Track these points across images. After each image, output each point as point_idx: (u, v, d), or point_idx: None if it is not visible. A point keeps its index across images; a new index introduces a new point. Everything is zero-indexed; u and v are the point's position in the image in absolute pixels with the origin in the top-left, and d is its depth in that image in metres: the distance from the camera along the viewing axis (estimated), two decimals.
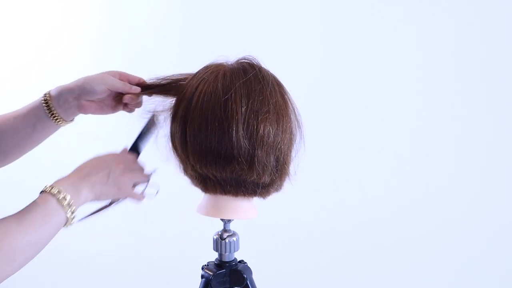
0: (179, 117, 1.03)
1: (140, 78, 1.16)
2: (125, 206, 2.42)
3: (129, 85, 1.12)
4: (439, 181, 2.08)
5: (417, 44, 2.04)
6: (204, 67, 1.06)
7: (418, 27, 2.04)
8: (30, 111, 1.12)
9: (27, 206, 0.91)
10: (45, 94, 1.12)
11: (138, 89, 1.12)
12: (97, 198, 1.00)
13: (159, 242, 2.31)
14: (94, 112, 1.13)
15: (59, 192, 0.92)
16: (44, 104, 1.11)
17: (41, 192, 0.93)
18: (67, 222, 0.94)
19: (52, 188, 0.93)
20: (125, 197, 1.06)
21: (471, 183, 2.05)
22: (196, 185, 1.09)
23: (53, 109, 1.11)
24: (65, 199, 0.92)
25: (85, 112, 1.13)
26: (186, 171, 1.08)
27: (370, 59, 2.07)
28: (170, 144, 1.07)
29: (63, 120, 1.13)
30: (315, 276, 2.18)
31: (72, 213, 0.93)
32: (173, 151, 1.07)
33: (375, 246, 2.14)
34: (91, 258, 2.40)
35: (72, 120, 1.15)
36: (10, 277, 0.88)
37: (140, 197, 1.08)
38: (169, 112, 1.08)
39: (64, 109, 1.12)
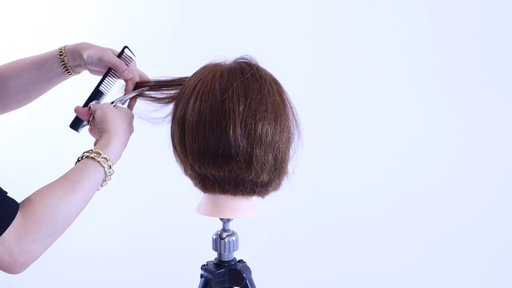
0: (178, 117, 1.04)
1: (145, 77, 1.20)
2: (124, 206, 2.43)
3: (125, 66, 1.14)
4: (436, 180, 2.08)
5: (417, 43, 2.04)
6: (202, 67, 1.07)
7: (417, 27, 2.04)
8: (45, 65, 1.16)
9: (77, 174, 0.95)
10: (60, 49, 1.16)
11: (130, 75, 1.14)
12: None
13: (158, 242, 2.31)
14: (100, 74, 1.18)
15: (110, 170, 0.98)
16: (58, 53, 1.15)
17: (92, 158, 0.97)
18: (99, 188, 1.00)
19: (107, 162, 0.98)
20: None
21: (469, 182, 2.06)
22: (195, 185, 1.09)
23: (67, 64, 1.16)
24: (110, 173, 0.99)
25: (94, 74, 1.18)
26: (185, 171, 1.08)
27: (368, 58, 2.07)
28: (171, 144, 1.07)
29: (72, 71, 1.17)
30: (314, 275, 2.18)
31: (107, 182, 1.00)
32: (173, 151, 1.08)
33: (375, 244, 2.14)
34: (90, 257, 2.40)
35: (79, 73, 1.20)
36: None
37: None
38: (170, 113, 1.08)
39: (75, 66, 1.17)
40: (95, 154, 0.97)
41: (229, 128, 0.98)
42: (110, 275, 2.37)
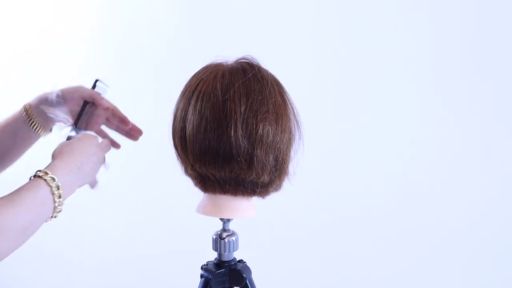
0: (179, 116, 1.04)
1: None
2: (124, 207, 2.43)
3: (101, 96, 1.13)
4: (436, 180, 2.08)
5: (417, 43, 2.04)
6: (204, 67, 1.07)
7: (417, 27, 2.04)
8: (10, 122, 1.13)
9: (19, 189, 0.90)
10: (24, 105, 1.13)
11: (108, 104, 1.14)
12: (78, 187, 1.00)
13: (158, 242, 2.31)
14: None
15: (54, 183, 0.92)
16: (24, 114, 1.12)
17: (34, 176, 0.92)
18: (52, 214, 0.92)
19: (47, 175, 0.92)
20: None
21: (469, 182, 2.06)
22: (196, 184, 1.09)
23: (33, 118, 1.12)
24: (58, 190, 0.92)
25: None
26: (186, 170, 1.08)
27: (368, 58, 2.07)
28: (172, 143, 1.07)
29: (43, 129, 1.14)
30: (314, 275, 2.18)
31: (60, 205, 0.93)
32: (174, 151, 1.08)
33: (375, 244, 2.14)
34: (90, 258, 2.40)
35: (51, 130, 1.15)
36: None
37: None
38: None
39: (43, 118, 1.13)
40: (36, 172, 0.93)
41: (230, 129, 0.98)
42: (110, 276, 2.37)
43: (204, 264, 1.15)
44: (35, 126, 1.12)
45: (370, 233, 2.13)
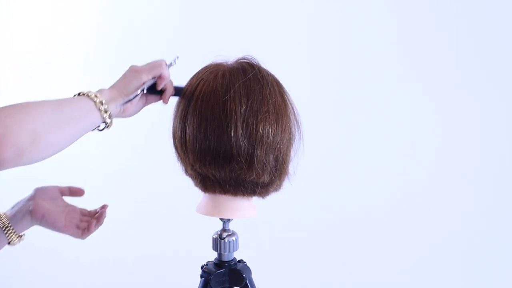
0: (179, 116, 1.04)
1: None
2: (124, 207, 2.43)
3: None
4: (436, 180, 2.08)
5: (418, 43, 2.04)
6: (204, 67, 1.07)
7: (418, 27, 2.04)
8: None
9: (64, 100, 0.90)
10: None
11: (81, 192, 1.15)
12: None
13: (158, 242, 2.31)
14: (48, 217, 1.11)
15: (96, 96, 0.93)
16: None
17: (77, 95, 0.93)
18: (105, 125, 0.94)
19: (89, 93, 0.93)
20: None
21: (469, 182, 2.06)
22: (196, 184, 1.09)
23: (9, 226, 1.07)
24: (102, 104, 0.93)
25: (37, 215, 1.09)
26: (186, 170, 1.08)
27: (368, 58, 2.07)
28: (172, 143, 1.07)
29: (18, 238, 1.09)
30: (314, 275, 2.18)
31: (108, 115, 0.94)
32: (174, 151, 1.08)
33: (375, 244, 2.14)
34: (90, 258, 2.40)
35: (20, 238, 1.10)
36: None
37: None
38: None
39: (19, 227, 1.09)
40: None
41: (231, 129, 0.98)
42: (110, 276, 2.37)
43: (204, 264, 1.15)
44: (10, 235, 1.08)
45: (370, 233, 2.13)
